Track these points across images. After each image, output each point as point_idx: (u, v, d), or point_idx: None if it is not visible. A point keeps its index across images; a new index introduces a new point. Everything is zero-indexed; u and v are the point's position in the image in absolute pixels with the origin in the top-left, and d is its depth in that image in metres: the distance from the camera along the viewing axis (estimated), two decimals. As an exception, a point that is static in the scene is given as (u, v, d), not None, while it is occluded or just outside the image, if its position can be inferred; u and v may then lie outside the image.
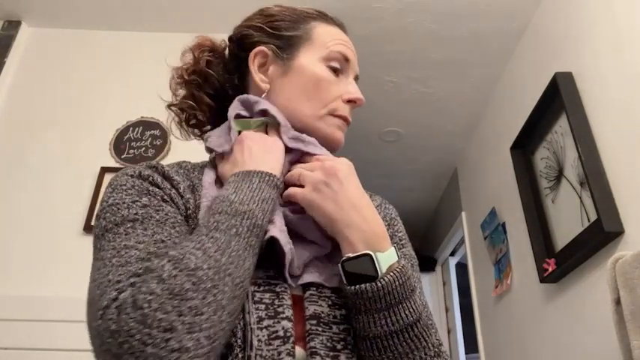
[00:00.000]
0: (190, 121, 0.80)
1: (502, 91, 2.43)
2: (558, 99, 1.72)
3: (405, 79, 2.46)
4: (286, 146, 0.68)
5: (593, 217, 1.50)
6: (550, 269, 1.73)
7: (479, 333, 2.70)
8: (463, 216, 3.02)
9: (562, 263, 1.66)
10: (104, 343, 0.45)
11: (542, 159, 1.94)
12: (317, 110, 0.71)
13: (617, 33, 1.50)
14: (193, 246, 0.51)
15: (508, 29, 2.13)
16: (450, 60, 2.32)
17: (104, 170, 1.86)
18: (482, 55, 2.29)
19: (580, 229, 1.58)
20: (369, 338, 0.58)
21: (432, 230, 4.04)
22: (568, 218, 1.69)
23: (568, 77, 1.71)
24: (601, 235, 1.43)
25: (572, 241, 1.62)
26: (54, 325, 1.58)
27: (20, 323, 1.59)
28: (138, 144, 1.93)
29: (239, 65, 0.77)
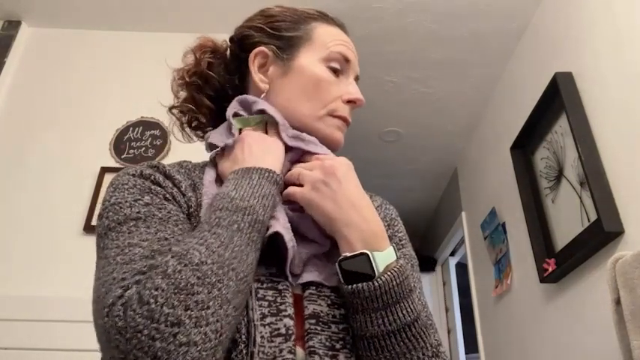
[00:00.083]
0: (192, 123, 0.80)
1: (502, 91, 2.43)
2: (558, 99, 1.72)
3: (405, 79, 2.46)
4: (286, 145, 0.68)
5: (593, 217, 1.50)
6: (550, 269, 1.73)
7: (479, 333, 2.70)
8: (463, 216, 3.02)
9: (562, 263, 1.66)
10: (112, 340, 0.46)
11: (542, 159, 1.94)
12: (316, 111, 0.71)
13: (617, 33, 1.50)
14: (196, 242, 0.52)
15: (508, 29, 2.13)
16: (450, 60, 2.32)
17: (104, 170, 1.86)
18: (482, 55, 2.29)
19: (580, 229, 1.58)
20: (367, 338, 0.58)
21: (432, 230, 4.04)
22: (568, 218, 1.69)
23: (568, 77, 1.71)
24: (601, 235, 1.43)
25: (572, 241, 1.62)
26: (54, 325, 1.58)
27: (20, 323, 1.59)
28: (138, 144, 1.93)
29: (240, 66, 0.77)
